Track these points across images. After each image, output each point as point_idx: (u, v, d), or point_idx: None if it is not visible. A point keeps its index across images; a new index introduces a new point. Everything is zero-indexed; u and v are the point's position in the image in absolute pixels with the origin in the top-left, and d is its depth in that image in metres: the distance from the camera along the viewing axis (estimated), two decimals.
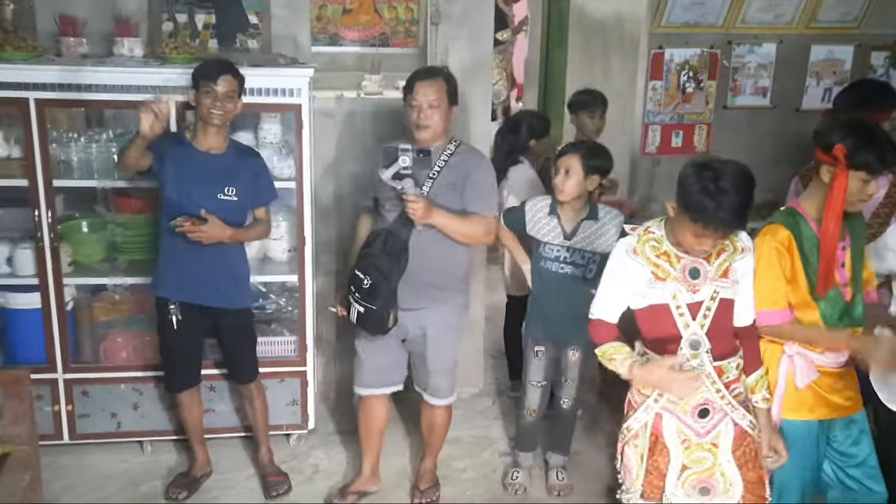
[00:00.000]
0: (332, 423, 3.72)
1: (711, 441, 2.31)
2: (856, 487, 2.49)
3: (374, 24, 4.00)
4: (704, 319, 2.24)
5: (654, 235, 2.28)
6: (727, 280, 2.25)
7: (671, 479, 2.32)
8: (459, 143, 2.93)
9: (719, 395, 2.28)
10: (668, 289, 2.24)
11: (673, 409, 2.31)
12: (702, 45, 3.77)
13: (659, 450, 2.34)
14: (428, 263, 2.82)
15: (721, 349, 2.28)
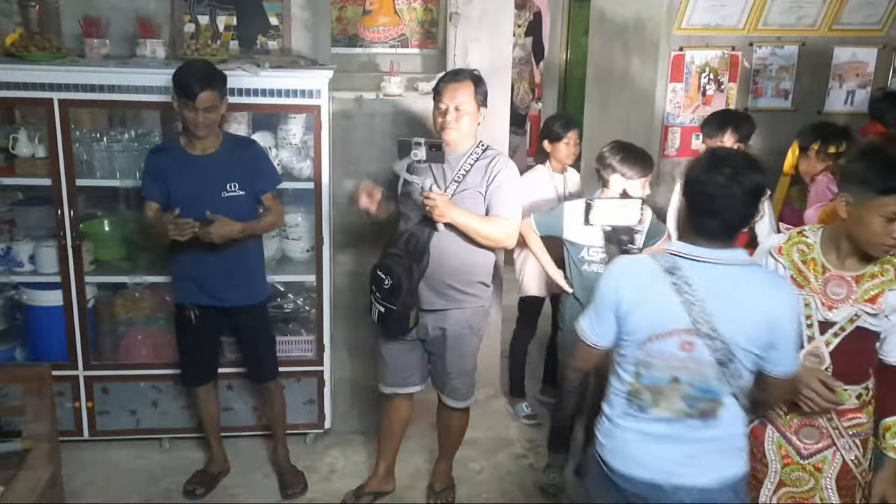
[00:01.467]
0: (349, 423, 3.73)
1: (814, 464, 2.19)
2: None
3: (394, 25, 4.01)
4: (834, 338, 2.10)
5: (807, 241, 2.15)
6: (873, 306, 2.07)
7: (766, 491, 2.23)
8: (487, 146, 2.93)
9: (827, 418, 2.15)
10: (803, 297, 2.10)
11: (776, 422, 2.20)
12: (723, 47, 3.74)
13: (758, 458, 2.22)
14: (449, 265, 2.83)
15: (845, 374, 2.10)
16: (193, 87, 2.81)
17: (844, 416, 2.14)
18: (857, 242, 2.04)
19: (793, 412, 2.16)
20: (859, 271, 2.09)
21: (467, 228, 2.78)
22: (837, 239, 2.09)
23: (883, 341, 2.12)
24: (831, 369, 2.10)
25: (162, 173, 2.96)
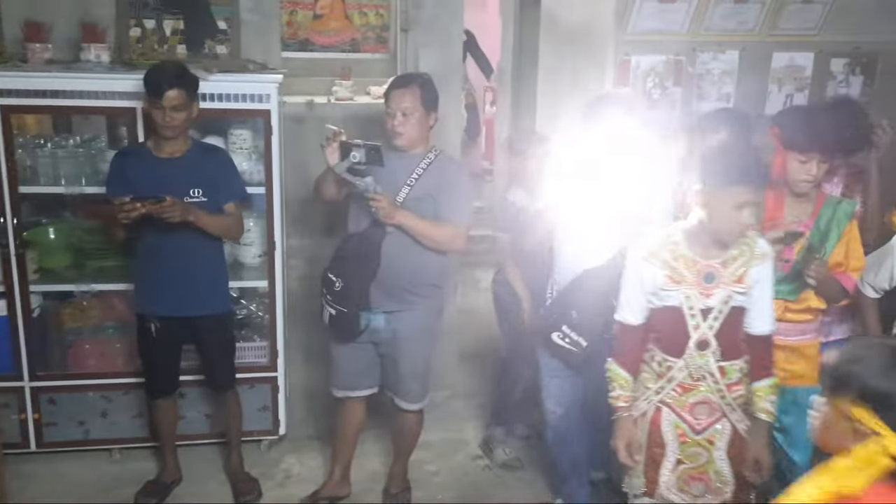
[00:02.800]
0: (305, 428, 3.72)
1: (707, 438, 2.35)
2: (778, 449, 2.66)
3: (345, 30, 4.02)
4: (715, 322, 2.28)
5: (673, 239, 2.31)
6: (742, 286, 2.27)
7: (665, 471, 2.36)
8: (440, 151, 2.97)
9: (720, 394, 2.33)
10: (682, 293, 2.27)
11: (672, 404, 2.35)
12: (667, 53, 3.83)
13: (656, 442, 2.38)
14: (400, 267, 2.85)
15: (727, 351, 2.31)
16: (161, 85, 2.78)
17: (731, 390, 2.33)
18: (714, 232, 2.22)
19: (687, 393, 2.31)
20: (723, 257, 2.27)
21: (415, 231, 2.81)
22: (698, 233, 2.27)
23: (747, 314, 2.30)
24: (719, 351, 2.28)
25: (126, 175, 2.91)
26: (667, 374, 2.34)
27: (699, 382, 2.32)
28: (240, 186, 3.09)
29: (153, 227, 2.83)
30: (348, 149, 2.76)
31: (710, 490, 2.35)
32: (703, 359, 2.29)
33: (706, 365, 2.29)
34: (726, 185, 2.16)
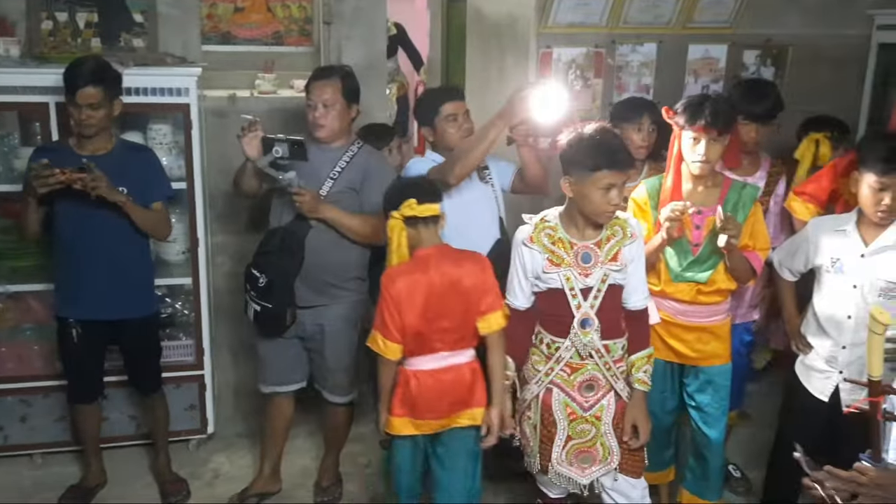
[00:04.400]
0: (234, 426, 3.68)
1: (594, 414, 2.44)
2: (694, 426, 2.85)
3: (268, 23, 3.97)
4: (595, 301, 2.38)
5: (550, 224, 2.42)
6: (616, 264, 2.38)
7: (556, 448, 2.45)
8: (362, 144, 2.96)
9: (606, 368, 2.42)
10: (563, 274, 2.37)
11: (561, 384, 2.44)
12: (587, 45, 3.91)
13: (549, 421, 2.46)
14: (325, 261, 2.85)
15: (609, 329, 2.41)
16: (76, 82, 2.69)
17: (616, 364, 2.45)
18: (586, 215, 2.33)
19: (575, 372, 2.41)
20: (598, 238, 2.38)
21: (339, 225, 2.81)
22: (573, 216, 2.38)
23: (623, 291, 2.42)
24: (600, 329, 2.37)
25: None
26: (555, 355, 2.43)
27: (586, 361, 2.41)
28: (166, 185, 3.03)
29: (72, 221, 2.75)
30: (270, 144, 2.73)
31: (597, 462, 2.45)
32: (587, 336, 2.38)
33: (591, 343, 2.38)
34: (590, 170, 2.27)
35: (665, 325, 2.76)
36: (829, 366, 2.62)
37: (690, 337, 2.75)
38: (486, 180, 3.01)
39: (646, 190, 2.78)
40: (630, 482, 2.51)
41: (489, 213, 2.99)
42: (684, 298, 2.71)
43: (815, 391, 2.67)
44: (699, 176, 2.65)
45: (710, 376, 2.79)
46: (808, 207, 2.93)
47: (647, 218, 2.73)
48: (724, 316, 2.79)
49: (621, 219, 2.42)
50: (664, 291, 2.74)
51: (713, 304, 2.73)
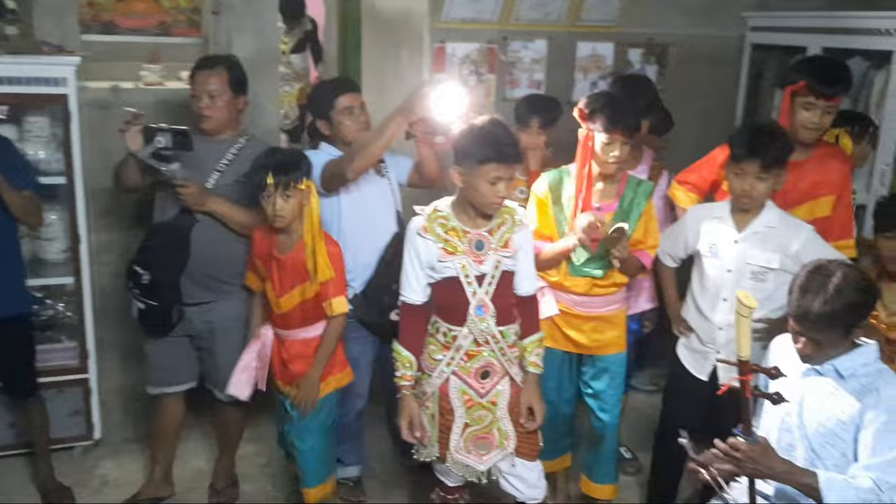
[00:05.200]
0: (123, 431, 3.54)
1: (490, 400, 2.48)
2: (590, 413, 2.94)
3: (153, 13, 3.85)
4: (489, 287, 2.41)
5: (442, 213, 2.44)
6: (508, 250, 2.43)
7: (454, 436, 2.47)
8: (251, 137, 2.90)
9: (502, 354, 2.46)
10: (458, 262, 2.39)
11: (458, 372, 2.46)
12: (480, 41, 3.97)
13: (447, 409, 2.48)
14: (212, 255, 2.78)
15: (503, 315, 2.46)
16: None
17: (510, 349, 2.49)
18: (475, 205, 2.38)
19: (472, 359, 2.45)
20: (489, 226, 2.43)
21: (226, 218, 2.75)
22: (464, 206, 2.42)
23: (515, 277, 2.49)
24: (495, 314, 2.42)
25: None
26: (453, 344, 2.45)
27: (482, 348, 2.45)
28: (26, 176, 2.87)
29: None
30: (153, 133, 2.65)
31: (494, 448, 2.49)
32: (483, 323, 2.42)
33: (488, 329, 2.42)
34: (478, 162, 2.30)
35: (563, 316, 2.82)
36: (707, 347, 2.75)
37: (588, 327, 2.82)
38: (383, 174, 3.00)
39: (547, 184, 2.80)
40: (527, 465, 2.56)
41: (386, 207, 2.99)
42: (580, 291, 2.78)
43: (695, 372, 2.81)
44: (606, 174, 2.71)
45: (607, 364, 2.87)
46: (690, 196, 3.04)
47: (547, 212, 2.76)
48: (619, 305, 2.87)
49: (510, 207, 2.48)
50: (562, 284, 2.79)
51: (609, 295, 2.81)
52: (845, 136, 3.22)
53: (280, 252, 2.62)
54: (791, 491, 2.11)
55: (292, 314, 2.65)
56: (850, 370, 2.09)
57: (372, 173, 2.92)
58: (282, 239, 2.62)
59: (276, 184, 2.49)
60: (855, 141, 3.26)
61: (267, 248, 2.64)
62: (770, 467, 2.03)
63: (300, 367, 2.68)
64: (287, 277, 2.61)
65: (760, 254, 2.61)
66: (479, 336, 2.43)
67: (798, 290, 2.09)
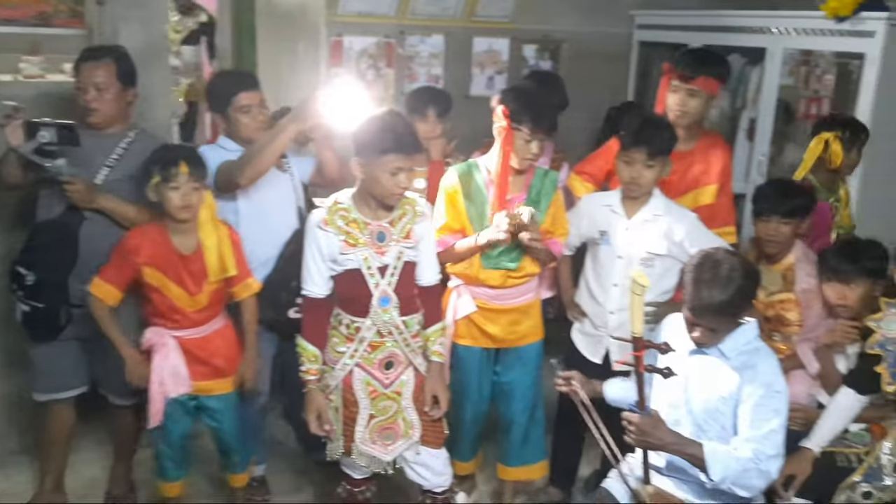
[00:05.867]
0: (9, 442, 3.35)
1: (395, 390, 2.49)
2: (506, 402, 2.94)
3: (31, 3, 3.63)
4: (392, 278, 2.42)
5: (343, 206, 2.42)
6: (410, 241, 2.45)
7: (360, 428, 2.48)
8: (141, 130, 2.81)
9: (405, 345, 2.48)
10: (360, 254, 2.39)
11: (362, 363, 2.46)
12: (377, 34, 3.98)
13: (351, 402, 2.48)
14: (102, 254, 2.66)
15: (406, 305, 2.47)
16: None
17: (414, 339, 2.50)
18: (376, 196, 2.39)
19: (375, 350, 2.46)
20: (391, 217, 2.44)
21: (117, 215, 2.66)
22: (364, 197, 2.43)
23: (417, 268, 2.52)
24: (398, 305, 2.43)
25: None
26: (357, 336, 2.45)
27: (385, 339, 2.46)
28: None
29: None
30: (35, 128, 2.53)
31: (399, 437, 2.51)
32: (387, 314, 2.43)
33: (391, 319, 2.44)
34: (379, 153, 2.31)
35: (481, 312, 2.80)
36: (600, 331, 2.86)
37: (505, 320, 2.84)
38: (286, 169, 2.97)
39: (456, 177, 2.77)
40: (432, 453, 2.59)
41: (287, 203, 2.95)
42: (495, 284, 2.78)
43: (589, 355, 2.91)
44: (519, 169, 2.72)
45: (520, 354, 2.91)
46: (587, 186, 3.14)
47: (457, 206, 2.74)
48: (533, 294, 2.90)
49: (410, 198, 2.49)
50: (476, 278, 2.78)
51: (522, 286, 2.83)
52: (835, 142, 3.10)
53: (185, 250, 2.57)
54: (680, 463, 2.23)
55: (208, 308, 2.62)
56: (733, 349, 2.22)
57: (273, 168, 2.88)
58: (178, 237, 2.56)
59: (189, 174, 2.46)
60: (845, 147, 3.12)
61: (161, 250, 2.55)
62: (661, 439, 2.14)
63: (220, 360, 2.66)
64: (200, 273, 2.56)
65: (648, 240, 2.73)
66: (383, 327, 2.44)
67: (692, 284, 2.19)
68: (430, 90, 3.46)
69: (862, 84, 3.30)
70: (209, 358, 2.66)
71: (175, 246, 2.57)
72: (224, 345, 2.71)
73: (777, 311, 2.83)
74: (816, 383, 2.78)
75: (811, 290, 2.76)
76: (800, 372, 2.79)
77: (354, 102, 2.58)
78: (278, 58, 4.62)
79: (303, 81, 4.21)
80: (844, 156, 3.10)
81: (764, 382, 2.16)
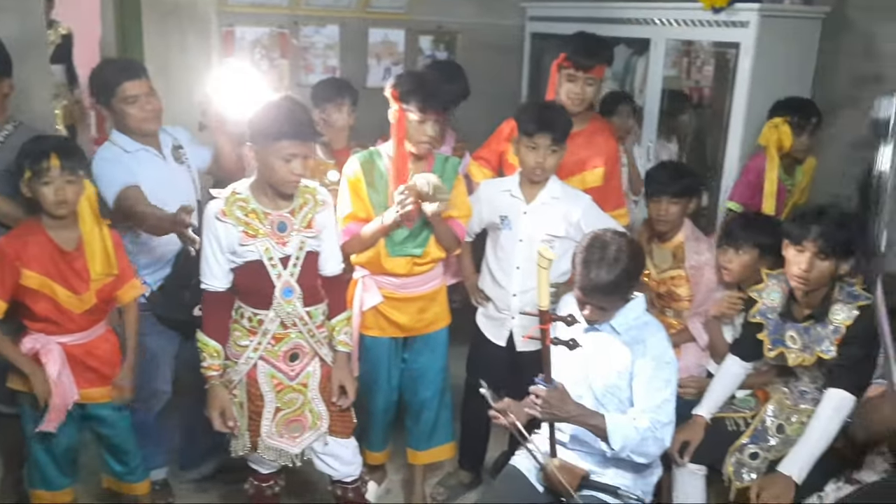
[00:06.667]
0: None
1: (301, 382, 2.47)
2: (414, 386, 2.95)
3: None
4: (294, 269, 2.38)
5: (241, 196, 2.36)
6: (311, 231, 2.41)
7: (265, 422, 2.44)
8: (19, 123, 2.66)
9: (310, 336, 2.45)
10: (260, 245, 2.34)
11: (266, 356, 2.42)
12: (270, 25, 3.91)
13: (256, 395, 2.44)
14: None
15: (310, 296, 2.44)
16: None
17: (319, 330, 2.48)
18: (272, 184, 2.35)
19: (279, 342, 2.43)
20: (291, 206, 2.40)
21: None
22: (262, 186, 2.39)
23: (319, 258, 2.50)
24: (302, 295, 2.41)
25: None
26: (260, 328, 2.41)
27: (289, 330, 2.43)
28: None
29: None
30: None
31: (307, 429, 2.50)
32: (290, 305, 2.40)
33: (295, 311, 2.41)
34: (273, 140, 2.27)
35: (387, 302, 2.78)
36: (503, 314, 2.92)
37: (413, 308, 2.84)
38: (182, 161, 2.87)
39: (359, 164, 2.74)
40: (341, 443, 2.58)
41: (185, 197, 2.83)
42: (401, 272, 2.77)
43: (493, 338, 2.97)
44: (418, 155, 2.71)
45: (428, 341, 2.92)
46: (484, 171, 3.19)
47: (361, 194, 2.72)
48: (439, 281, 2.92)
49: (310, 187, 2.46)
50: (382, 267, 2.76)
51: (429, 272, 2.83)
52: (784, 126, 3.14)
53: (67, 245, 2.44)
54: (583, 436, 2.32)
55: (95, 311, 2.50)
56: (624, 325, 2.31)
57: (170, 159, 2.79)
58: (57, 233, 2.43)
59: (61, 168, 2.33)
60: (795, 132, 3.15)
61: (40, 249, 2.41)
62: (566, 411, 2.21)
63: (107, 367, 2.56)
64: (85, 270, 2.44)
65: (547, 223, 2.81)
66: (287, 318, 2.40)
67: (581, 266, 2.26)
68: (341, 80, 3.42)
69: (738, 72, 3.49)
70: (96, 364, 2.54)
71: (56, 243, 2.43)
72: (110, 350, 2.59)
73: (668, 288, 2.97)
74: (706, 354, 2.94)
75: (699, 267, 2.92)
76: (691, 345, 2.95)
77: (247, 88, 2.52)
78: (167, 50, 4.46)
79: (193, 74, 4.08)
80: (795, 140, 3.16)
81: (654, 355, 2.26)
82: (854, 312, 2.38)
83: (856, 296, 2.41)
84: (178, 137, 2.89)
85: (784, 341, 2.52)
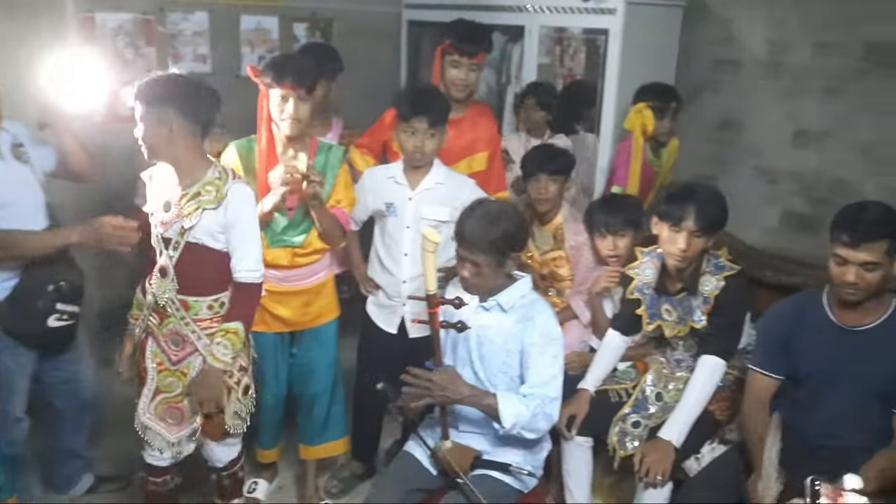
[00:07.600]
0: None
1: (181, 369, 2.41)
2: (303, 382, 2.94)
3: None
4: (174, 252, 2.34)
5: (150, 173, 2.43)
6: (189, 220, 2.31)
7: (144, 399, 2.41)
8: None
9: (186, 325, 2.38)
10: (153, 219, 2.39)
11: (154, 332, 2.42)
12: (134, 11, 3.70)
13: (144, 368, 2.44)
14: None
15: (189, 286, 2.37)
16: None
17: (199, 324, 2.39)
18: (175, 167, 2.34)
19: (163, 322, 2.40)
20: (186, 191, 2.33)
21: None
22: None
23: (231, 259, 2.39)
24: (177, 281, 2.37)
25: None
26: (144, 301, 2.47)
27: (170, 313, 2.39)
28: None
29: None
30: None
31: (185, 420, 2.43)
32: (161, 287, 2.38)
33: (164, 293, 2.37)
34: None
35: (270, 296, 2.68)
36: (394, 301, 2.92)
37: (297, 302, 2.78)
38: (25, 160, 2.63)
39: (236, 152, 2.69)
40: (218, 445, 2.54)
41: (32, 199, 2.61)
42: (283, 264, 2.71)
43: (384, 326, 2.96)
44: (291, 137, 2.64)
45: (318, 335, 2.88)
46: (366, 159, 3.15)
47: None
48: (325, 273, 2.86)
49: (217, 181, 2.34)
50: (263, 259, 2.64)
51: (313, 265, 2.79)
52: (646, 111, 3.25)
53: None
54: (474, 416, 2.35)
55: None
56: (510, 303, 2.35)
57: (9, 157, 2.56)
58: None
59: None
60: (657, 116, 3.27)
61: None
62: (458, 392, 2.23)
63: None
64: None
65: (433, 208, 2.82)
66: (159, 298, 2.37)
67: (462, 221, 2.28)
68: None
69: (608, 59, 3.61)
70: None
71: None
72: None
73: (551, 268, 3.06)
74: (588, 331, 3.05)
75: (578, 247, 3.02)
76: (574, 322, 3.05)
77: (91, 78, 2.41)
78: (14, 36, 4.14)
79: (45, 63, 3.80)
80: (657, 123, 3.29)
81: (542, 332, 2.31)
82: (721, 283, 2.53)
83: (722, 266, 2.56)
84: (17, 135, 2.63)
85: (661, 315, 2.65)
